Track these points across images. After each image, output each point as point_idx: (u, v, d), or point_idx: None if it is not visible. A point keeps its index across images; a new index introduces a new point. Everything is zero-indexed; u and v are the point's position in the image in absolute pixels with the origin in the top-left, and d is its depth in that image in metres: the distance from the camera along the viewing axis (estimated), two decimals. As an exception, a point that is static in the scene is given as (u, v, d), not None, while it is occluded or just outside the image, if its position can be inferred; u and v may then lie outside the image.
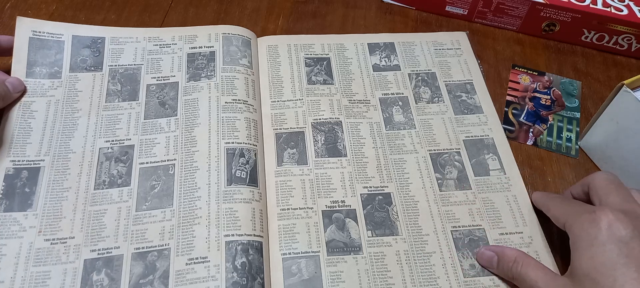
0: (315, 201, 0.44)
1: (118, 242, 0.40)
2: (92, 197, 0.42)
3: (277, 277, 0.40)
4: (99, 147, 0.45)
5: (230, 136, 0.45)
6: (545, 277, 0.36)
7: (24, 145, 0.44)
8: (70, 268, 0.38)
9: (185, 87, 0.49)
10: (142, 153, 0.45)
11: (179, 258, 0.39)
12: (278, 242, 0.41)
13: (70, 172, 0.43)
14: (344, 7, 0.61)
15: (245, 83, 0.50)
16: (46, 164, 0.43)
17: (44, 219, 0.41)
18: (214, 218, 0.41)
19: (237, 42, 0.52)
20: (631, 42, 0.56)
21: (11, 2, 0.57)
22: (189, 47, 0.52)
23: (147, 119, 0.47)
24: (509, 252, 0.39)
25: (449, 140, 0.48)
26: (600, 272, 0.32)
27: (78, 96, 0.48)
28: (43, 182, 0.42)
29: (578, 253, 0.34)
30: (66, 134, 0.45)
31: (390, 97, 0.51)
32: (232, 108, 0.47)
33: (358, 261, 0.41)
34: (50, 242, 0.40)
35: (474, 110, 0.50)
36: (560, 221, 0.38)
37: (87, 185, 0.43)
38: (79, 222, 0.41)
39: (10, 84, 0.45)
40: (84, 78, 0.49)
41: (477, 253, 0.41)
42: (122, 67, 0.50)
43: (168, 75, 0.50)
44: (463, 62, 0.54)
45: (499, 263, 0.40)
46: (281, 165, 0.46)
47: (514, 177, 0.46)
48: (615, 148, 0.46)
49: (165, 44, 0.52)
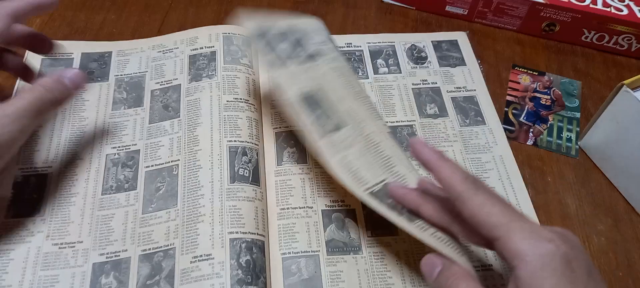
0: (315, 200, 0.44)
1: (126, 245, 0.40)
2: (99, 202, 0.42)
3: (277, 277, 0.39)
4: (106, 153, 0.45)
5: (232, 134, 0.45)
6: None
7: (32, 153, 0.44)
8: (78, 272, 0.39)
9: (187, 88, 0.49)
10: (148, 157, 0.45)
11: (183, 256, 0.39)
12: (278, 242, 0.41)
13: (78, 178, 0.44)
14: (344, 7, 0.61)
15: (246, 82, 0.50)
16: (54, 171, 0.44)
17: (52, 224, 0.41)
18: (217, 215, 0.41)
19: (238, 42, 0.52)
20: (631, 42, 0.56)
21: (11, 2, 0.57)
22: (191, 49, 0.52)
23: (151, 124, 0.47)
24: (455, 269, 0.33)
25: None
26: None
27: (85, 105, 0.48)
28: (51, 188, 0.43)
29: (530, 280, 0.28)
30: (73, 141, 0.46)
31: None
32: (234, 107, 0.47)
33: (358, 261, 0.41)
34: (58, 246, 0.40)
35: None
36: (492, 232, 0.30)
37: (95, 191, 0.43)
38: (87, 227, 0.41)
39: (68, 80, 0.38)
40: (90, 88, 0.49)
41: (425, 257, 0.34)
42: (127, 76, 0.51)
43: (171, 78, 0.50)
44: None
45: (440, 274, 0.33)
46: (281, 164, 0.46)
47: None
48: (615, 148, 0.46)
49: (168, 49, 0.53)
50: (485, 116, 0.50)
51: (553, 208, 0.46)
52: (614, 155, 0.47)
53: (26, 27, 0.42)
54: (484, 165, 0.47)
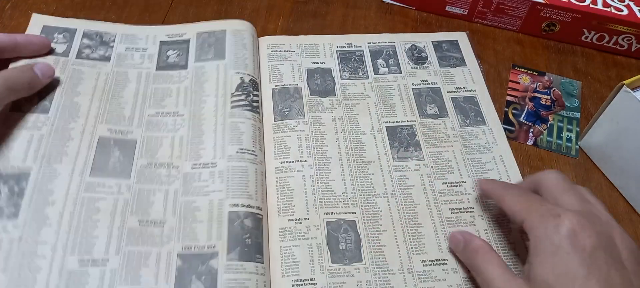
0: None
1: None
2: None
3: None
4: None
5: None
6: (503, 277, 0.34)
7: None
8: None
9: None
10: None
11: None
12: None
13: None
14: (344, 7, 0.61)
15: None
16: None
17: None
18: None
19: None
20: (631, 42, 0.56)
21: (11, 2, 0.57)
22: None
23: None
24: (476, 242, 0.38)
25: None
26: (561, 282, 0.31)
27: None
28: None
29: (538, 259, 0.33)
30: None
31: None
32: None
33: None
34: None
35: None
36: (517, 217, 0.36)
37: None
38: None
39: (39, 70, 0.44)
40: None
41: (450, 234, 0.42)
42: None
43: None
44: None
45: (463, 249, 0.39)
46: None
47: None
48: (615, 148, 0.46)
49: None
50: (485, 116, 0.50)
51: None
52: (614, 155, 0.47)
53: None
54: (484, 165, 0.47)
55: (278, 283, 0.39)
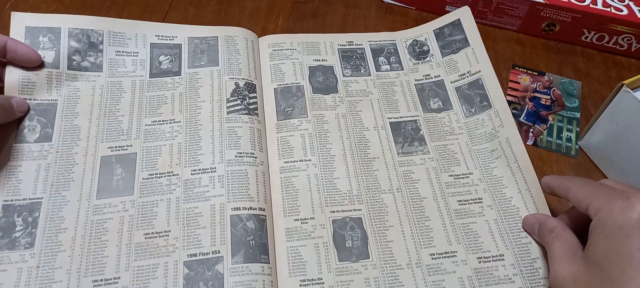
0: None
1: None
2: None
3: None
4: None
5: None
6: (565, 252, 0.36)
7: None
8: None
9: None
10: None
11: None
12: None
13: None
14: (344, 7, 0.61)
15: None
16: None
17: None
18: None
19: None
20: (631, 42, 0.56)
21: (11, 2, 0.57)
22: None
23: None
24: (550, 222, 0.39)
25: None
26: (612, 261, 0.32)
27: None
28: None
29: (597, 237, 0.33)
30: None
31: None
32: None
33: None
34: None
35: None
36: (583, 203, 0.36)
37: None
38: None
39: (15, 102, 0.44)
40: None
41: (523, 218, 0.43)
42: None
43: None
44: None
45: (539, 230, 0.40)
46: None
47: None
48: (615, 149, 0.47)
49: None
50: (491, 98, 0.49)
51: (553, 207, 0.46)
52: (614, 155, 0.47)
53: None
54: (490, 154, 0.47)
55: (285, 283, 0.39)
